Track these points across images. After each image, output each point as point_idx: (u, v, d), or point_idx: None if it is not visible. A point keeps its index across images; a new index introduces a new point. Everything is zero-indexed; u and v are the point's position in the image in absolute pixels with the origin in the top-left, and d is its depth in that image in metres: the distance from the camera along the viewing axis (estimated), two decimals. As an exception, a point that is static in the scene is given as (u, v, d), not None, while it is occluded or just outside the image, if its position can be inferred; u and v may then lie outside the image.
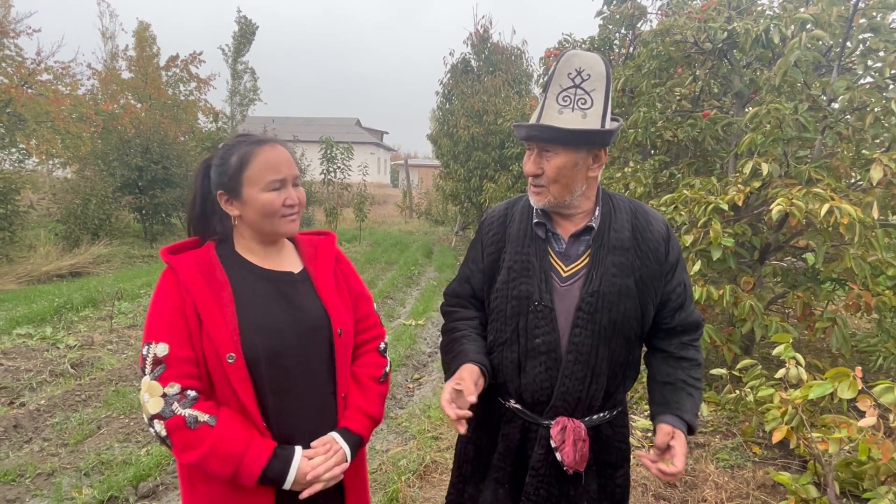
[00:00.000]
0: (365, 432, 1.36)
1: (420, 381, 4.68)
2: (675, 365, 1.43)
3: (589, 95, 1.26)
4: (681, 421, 1.33)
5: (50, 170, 17.74)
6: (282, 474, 1.20)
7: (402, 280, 8.74)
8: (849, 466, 2.48)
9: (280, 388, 1.26)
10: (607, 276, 1.32)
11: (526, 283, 1.36)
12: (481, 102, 11.27)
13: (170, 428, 1.15)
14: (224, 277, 1.25)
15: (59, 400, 3.84)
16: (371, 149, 36.04)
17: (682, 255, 1.47)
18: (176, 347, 1.18)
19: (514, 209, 1.48)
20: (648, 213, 1.42)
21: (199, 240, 1.34)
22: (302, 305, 1.31)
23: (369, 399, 1.39)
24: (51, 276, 8.83)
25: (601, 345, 1.33)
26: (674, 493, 2.74)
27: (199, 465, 1.17)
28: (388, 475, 2.95)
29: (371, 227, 16.30)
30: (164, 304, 1.22)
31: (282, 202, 1.26)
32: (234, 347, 1.19)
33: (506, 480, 1.43)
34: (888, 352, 3.25)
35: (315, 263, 1.39)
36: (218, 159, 1.29)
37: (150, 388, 1.17)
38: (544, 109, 1.28)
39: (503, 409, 1.45)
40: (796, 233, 3.56)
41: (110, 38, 21.93)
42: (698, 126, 4.20)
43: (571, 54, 1.27)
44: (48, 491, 2.80)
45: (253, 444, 1.19)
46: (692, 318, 1.44)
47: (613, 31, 5.84)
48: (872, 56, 3.44)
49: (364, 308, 1.48)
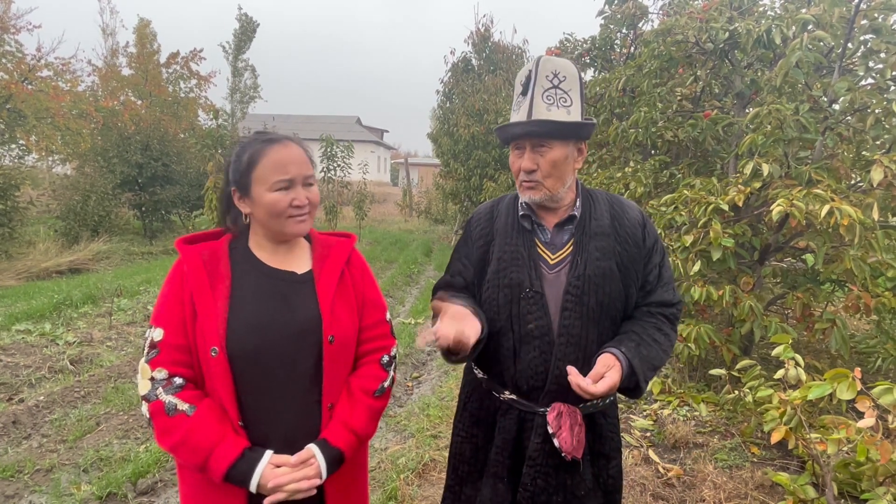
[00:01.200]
0: (345, 447, 1.28)
1: (419, 379, 4.68)
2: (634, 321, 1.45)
3: (568, 95, 1.37)
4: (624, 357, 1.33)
5: (50, 166, 17.73)
6: (246, 476, 1.18)
7: (401, 278, 8.74)
8: (847, 467, 2.49)
9: (260, 388, 1.24)
10: (591, 260, 1.39)
11: (516, 271, 1.41)
12: (482, 101, 11.27)
13: (151, 411, 1.18)
14: (227, 271, 1.26)
15: (58, 396, 3.84)
16: (371, 147, 36.02)
17: (661, 239, 1.52)
18: (170, 334, 1.21)
19: (500, 206, 1.56)
20: (623, 203, 1.52)
21: (221, 231, 1.36)
22: (296, 306, 1.28)
23: (356, 413, 1.31)
24: (50, 273, 8.82)
25: (590, 326, 1.38)
26: (672, 492, 2.74)
27: (172, 452, 1.19)
28: (386, 473, 2.95)
29: (371, 226, 16.30)
30: (167, 290, 1.25)
31: (288, 203, 1.25)
32: (219, 341, 1.19)
33: (504, 474, 1.44)
34: (887, 353, 3.25)
35: (322, 265, 1.36)
36: (234, 156, 1.30)
37: (143, 370, 1.21)
38: (533, 107, 1.35)
39: (498, 402, 1.47)
40: (796, 234, 3.56)
41: (111, 34, 21.89)
42: (699, 126, 4.20)
43: (545, 59, 1.38)
44: (47, 487, 2.80)
45: (224, 441, 1.18)
46: (667, 297, 1.48)
47: (615, 30, 5.84)
48: (874, 57, 3.44)
49: (373, 316, 1.41)
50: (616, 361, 1.31)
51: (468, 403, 1.57)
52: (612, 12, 5.65)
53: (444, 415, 3.71)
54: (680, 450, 3.19)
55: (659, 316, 1.46)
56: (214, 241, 1.32)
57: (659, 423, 3.47)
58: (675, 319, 1.50)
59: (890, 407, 1.96)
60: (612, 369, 1.29)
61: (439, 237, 15.07)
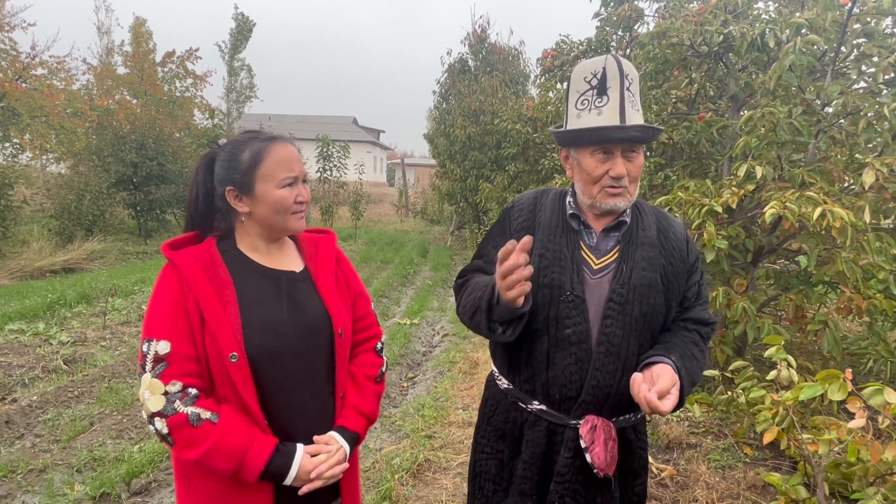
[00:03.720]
0: (361, 431, 1.38)
1: (414, 379, 4.69)
2: (673, 334, 1.40)
3: (636, 98, 1.33)
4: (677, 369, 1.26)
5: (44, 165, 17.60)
6: (284, 470, 1.22)
7: (397, 279, 8.74)
8: (838, 467, 2.50)
9: (281, 388, 1.26)
10: (637, 269, 1.34)
11: (558, 272, 1.35)
12: (478, 102, 11.27)
13: (172, 426, 1.16)
14: (227, 275, 1.25)
15: (52, 396, 3.83)
16: (367, 147, 35.98)
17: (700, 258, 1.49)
18: (178, 345, 1.18)
19: (544, 199, 1.48)
20: (668, 217, 1.48)
21: (199, 235, 1.33)
22: (304, 305, 1.32)
23: (366, 398, 1.40)
24: (44, 272, 8.77)
25: (632, 337, 1.32)
26: (665, 492, 2.75)
27: (201, 461, 1.17)
28: (381, 473, 2.96)
29: (367, 226, 16.27)
30: (165, 299, 1.21)
31: (293, 199, 1.28)
32: (238, 347, 1.19)
33: (533, 491, 1.37)
34: (878, 354, 3.27)
35: (316, 263, 1.40)
36: (227, 154, 1.28)
37: (152, 386, 1.16)
38: (626, 111, 1.28)
39: (525, 414, 1.40)
40: (789, 236, 3.58)
41: (106, 33, 21.81)
42: (694, 128, 4.22)
43: (616, 57, 1.31)
44: (40, 487, 2.79)
45: (256, 440, 1.20)
46: (704, 316, 1.44)
47: (610, 33, 5.86)
48: (866, 61, 3.46)
49: (362, 308, 1.48)
50: (678, 378, 1.23)
51: (492, 417, 1.49)
52: (607, 15, 5.68)
53: (439, 415, 3.71)
54: (673, 450, 3.20)
55: (695, 332, 1.42)
56: (200, 244, 1.30)
57: (653, 424, 3.48)
58: (708, 339, 1.46)
59: (880, 408, 1.97)
60: (675, 386, 1.21)
61: (435, 238, 15.07)
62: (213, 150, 1.33)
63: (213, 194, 1.31)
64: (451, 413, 3.78)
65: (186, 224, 1.36)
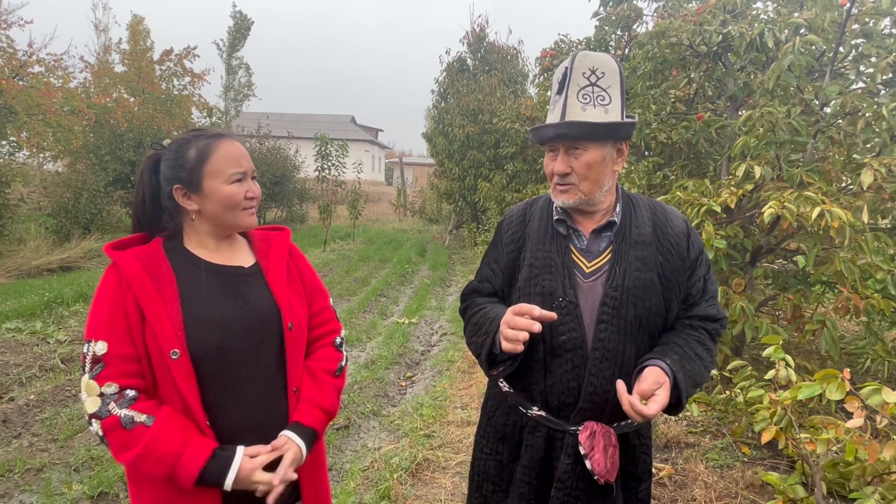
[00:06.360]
0: (318, 426, 1.34)
1: (412, 378, 4.69)
2: (675, 333, 1.37)
3: (606, 92, 1.28)
4: (670, 372, 1.25)
5: (41, 163, 17.54)
6: (220, 477, 1.18)
7: (395, 278, 8.74)
8: (836, 467, 2.51)
9: (225, 383, 1.24)
10: (631, 270, 1.31)
11: (549, 279, 1.33)
12: (477, 101, 11.28)
13: (106, 428, 1.15)
14: (170, 273, 1.24)
15: (49, 395, 3.82)
16: (366, 146, 35.94)
17: (706, 251, 1.43)
18: (115, 345, 1.17)
19: (533, 209, 1.47)
20: (667, 210, 1.42)
21: (146, 236, 1.32)
22: (251, 299, 1.30)
23: (324, 392, 1.37)
24: (41, 271, 8.74)
25: (628, 341, 1.30)
26: (663, 492, 2.76)
27: (133, 465, 1.16)
28: (380, 473, 2.96)
29: (365, 225, 16.27)
30: (103, 300, 1.20)
31: (243, 194, 1.27)
32: (179, 343, 1.18)
33: (531, 496, 1.36)
34: (876, 354, 3.28)
35: (267, 257, 1.39)
36: (172, 153, 1.27)
37: (88, 387, 1.16)
38: (567, 108, 1.27)
39: (525, 418, 1.39)
40: (787, 235, 3.59)
41: (103, 30, 21.77)
42: (692, 128, 4.23)
43: (583, 54, 1.29)
44: (37, 486, 2.79)
45: (190, 445, 1.17)
46: (711, 312, 1.40)
47: (609, 32, 5.87)
48: (864, 61, 3.47)
49: (320, 303, 1.47)
50: (666, 377, 1.22)
51: (493, 418, 1.48)
52: (606, 14, 5.68)
53: (438, 414, 3.71)
54: (671, 449, 3.21)
55: (701, 330, 1.38)
56: (145, 245, 1.29)
57: (651, 423, 3.49)
58: (718, 336, 1.41)
59: (878, 407, 1.98)
60: (662, 387, 1.21)
61: (433, 237, 15.07)
62: (158, 150, 1.31)
63: (159, 195, 1.30)
64: (450, 412, 3.78)
65: (133, 226, 1.34)
